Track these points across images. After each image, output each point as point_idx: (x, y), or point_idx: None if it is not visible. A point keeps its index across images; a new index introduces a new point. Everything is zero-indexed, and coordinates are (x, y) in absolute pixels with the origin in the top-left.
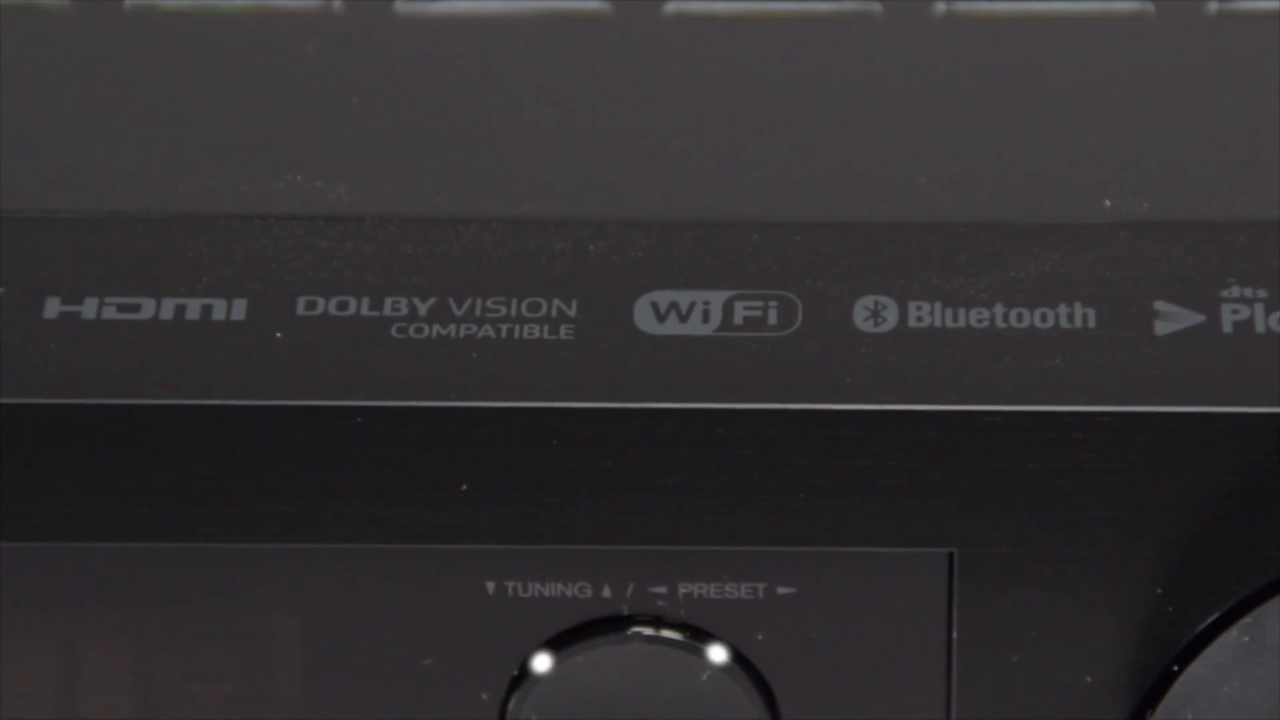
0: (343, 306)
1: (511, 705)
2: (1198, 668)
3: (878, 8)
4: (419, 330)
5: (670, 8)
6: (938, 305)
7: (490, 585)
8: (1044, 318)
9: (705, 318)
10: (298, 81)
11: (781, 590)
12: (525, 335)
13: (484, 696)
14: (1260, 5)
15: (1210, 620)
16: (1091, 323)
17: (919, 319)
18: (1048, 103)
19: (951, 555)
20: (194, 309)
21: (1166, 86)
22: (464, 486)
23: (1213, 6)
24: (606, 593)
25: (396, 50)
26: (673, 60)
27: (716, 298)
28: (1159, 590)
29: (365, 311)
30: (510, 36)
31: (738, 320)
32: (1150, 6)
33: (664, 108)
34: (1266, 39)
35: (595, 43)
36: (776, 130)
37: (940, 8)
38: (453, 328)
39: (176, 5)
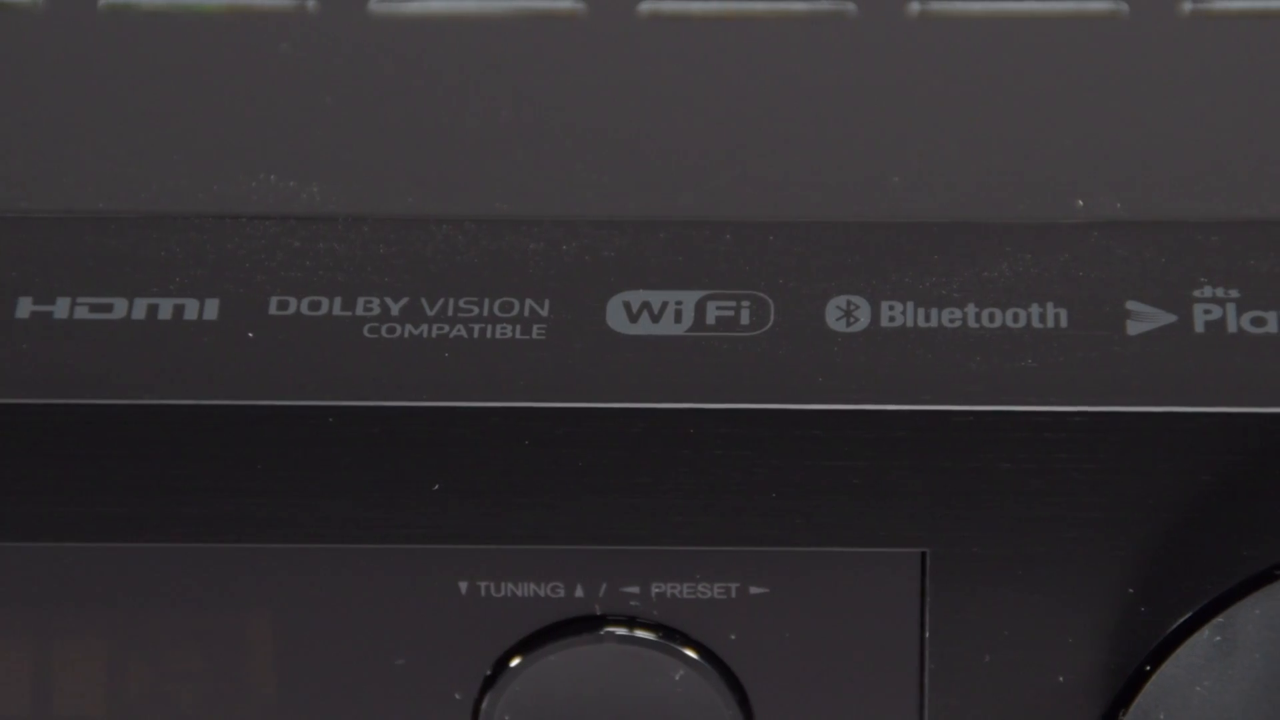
0: (315, 306)
1: (484, 705)
2: (1170, 668)
3: (852, 8)
4: (391, 330)
5: (644, 7)
6: (910, 305)
7: (463, 585)
8: (1016, 317)
9: (677, 318)
10: (271, 81)
11: (754, 590)
12: (497, 335)
13: (457, 696)
14: (1233, 5)
15: (1182, 620)
16: (1063, 322)
17: (891, 319)
18: (1021, 102)
19: (924, 555)
20: (166, 309)
21: (1140, 86)
22: (436, 486)
23: (1186, 6)
24: (579, 593)
25: (370, 50)
26: (647, 60)
27: (689, 297)
28: (1131, 590)
29: (338, 311)
30: (484, 36)
31: (710, 320)
32: (1124, 6)
33: (638, 107)
34: (1239, 39)
35: (569, 42)
36: (750, 130)
37: (915, 8)
38: (425, 327)
39: (150, 5)
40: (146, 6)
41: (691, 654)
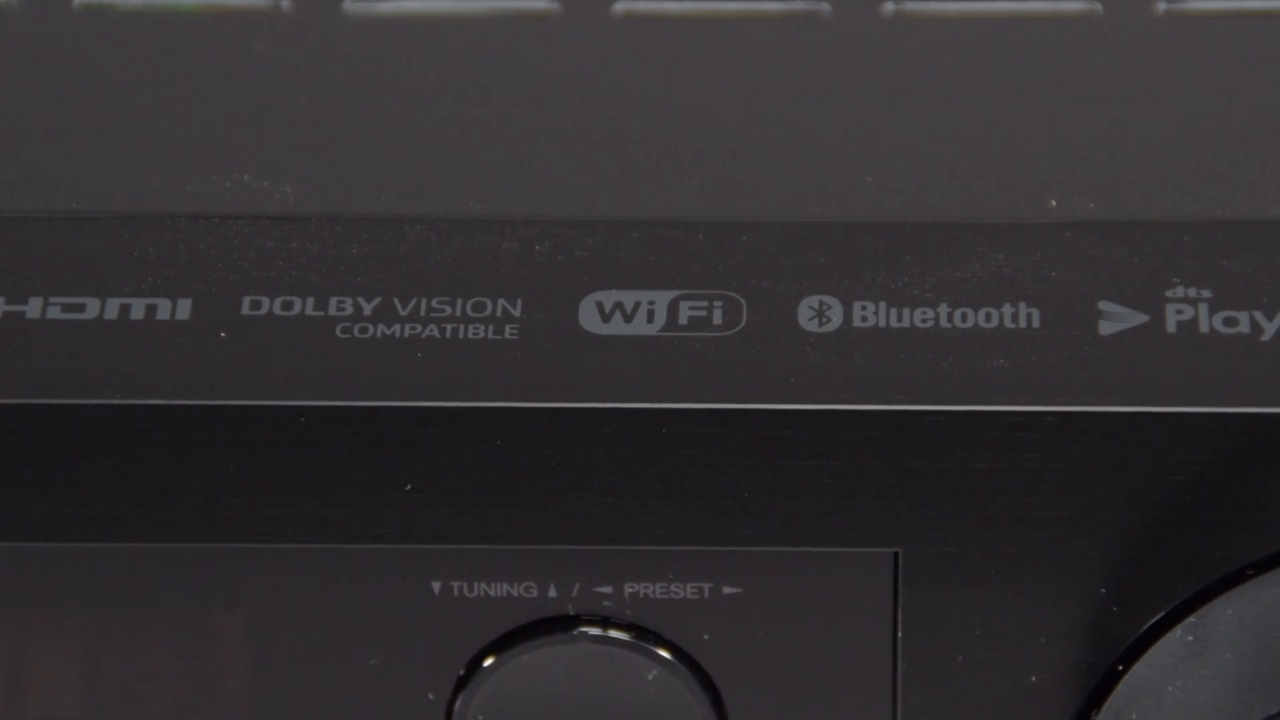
0: (287, 306)
1: (458, 705)
2: (1142, 667)
3: (826, 8)
4: (364, 330)
5: (619, 7)
6: (882, 305)
7: (436, 585)
8: (988, 317)
9: (650, 318)
10: (245, 81)
11: (727, 590)
12: (470, 335)
13: (430, 696)
14: (1207, 6)
15: (1155, 620)
16: (1036, 322)
17: (863, 319)
18: (994, 102)
19: (896, 555)
20: (138, 309)
21: (1114, 86)
22: (409, 486)
23: (1160, 7)
24: (552, 593)
25: (345, 50)
26: (621, 60)
27: (661, 297)
28: (1103, 590)
29: (310, 311)
30: (458, 36)
31: (682, 320)
32: (1098, 6)
33: (611, 108)
34: (1214, 39)
35: (543, 42)
36: (723, 130)
37: (889, 8)
38: (397, 327)
39: (125, 4)
40: (121, 6)
41: (665, 654)
